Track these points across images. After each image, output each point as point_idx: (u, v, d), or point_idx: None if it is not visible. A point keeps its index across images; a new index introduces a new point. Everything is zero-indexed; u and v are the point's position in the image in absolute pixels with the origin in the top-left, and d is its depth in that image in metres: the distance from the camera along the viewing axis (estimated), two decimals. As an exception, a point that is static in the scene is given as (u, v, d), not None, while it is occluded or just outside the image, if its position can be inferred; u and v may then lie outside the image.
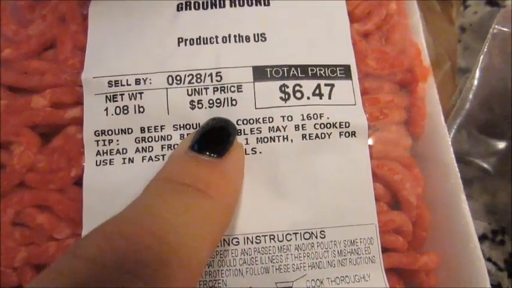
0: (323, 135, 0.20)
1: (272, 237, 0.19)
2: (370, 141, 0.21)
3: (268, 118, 0.20)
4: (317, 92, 0.20)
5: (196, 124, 0.20)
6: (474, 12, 0.34)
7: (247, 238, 0.19)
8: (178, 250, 0.14)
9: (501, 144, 0.28)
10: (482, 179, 0.28)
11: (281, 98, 0.20)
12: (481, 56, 0.28)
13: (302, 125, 0.20)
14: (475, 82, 0.27)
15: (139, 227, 0.15)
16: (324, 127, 0.20)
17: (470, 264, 0.21)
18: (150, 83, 0.20)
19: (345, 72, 0.21)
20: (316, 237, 0.19)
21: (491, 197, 0.28)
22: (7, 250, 0.19)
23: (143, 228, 0.15)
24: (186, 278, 0.14)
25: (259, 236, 0.19)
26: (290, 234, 0.19)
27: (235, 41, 0.21)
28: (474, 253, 0.21)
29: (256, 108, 0.20)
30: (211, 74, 0.20)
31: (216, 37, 0.21)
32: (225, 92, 0.20)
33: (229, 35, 0.21)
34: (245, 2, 0.22)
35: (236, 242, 0.19)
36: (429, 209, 0.22)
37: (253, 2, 0.22)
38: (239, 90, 0.20)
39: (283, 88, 0.20)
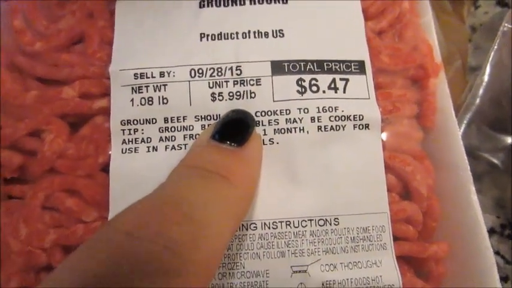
0: (338, 127, 0.21)
1: (288, 223, 0.20)
2: (383, 134, 0.22)
3: (286, 110, 0.21)
4: (332, 86, 0.21)
5: (216, 115, 0.21)
6: (485, 12, 0.34)
7: (265, 223, 0.20)
8: (205, 228, 0.15)
9: (510, 140, 0.29)
10: (491, 174, 0.29)
11: (298, 91, 0.21)
12: (491, 53, 0.28)
13: (318, 117, 0.21)
14: (485, 78, 0.28)
15: (169, 205, 0.16)
16: (339, 119, 0.21)
17: (479, 254, 0.22)
18: (174, 75, 0.21)
19: (359, 67, 0.22)
20: (330, 224, 0.20)
21: (501, 192, 0.29)
22: (37, 232, 0.21)
23: (172, 207, 0.16)
24: (211, 254, 0.15)
25: (276, 222, 0.20)
26: (305, 221, 0.20)
27: (255, 37, 0.22)
28: (483, 243, 0.22)
29: (274, 101, 0.21)
30: (231, 68, 0.21)
31: (237, 33, 0.22)
32: (244, 85, 0.21)
33: (249, 31, 0.22)
34: (264, 0, 0.23)
35: (254, 227, 0.20)
36: (439, 200, 0.23)
37: (272, 0, 0.23)
38: (258, 83, 0.21)
39: (299, 82, 0.21)
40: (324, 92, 0.21)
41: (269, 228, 0.20)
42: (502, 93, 0.28)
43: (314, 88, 0.21)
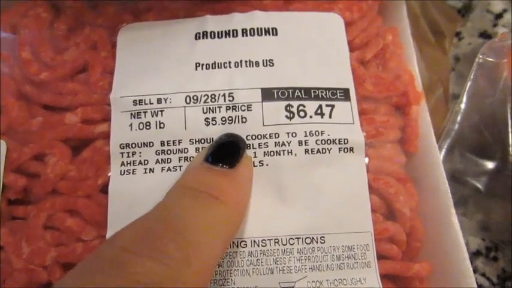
0: (324, 150, 0.22)
1: (276, 241, 0.21)
2: (367, 158, 0.23)
3: (275, 134, 0.22)
4: (319, 111, 0.23)
5: (210, 139, 0.22)
6: (468, 43, 0.36)
7: (254, 241, 0.21)
8: (196, 246, 0.16)
9: (491, 165, 0.30)
10: (475, 198, 0.30)
11: (286, 116, 0.23)
12: (468, 83, 0.30)
13: (305, 140, 0.22)
14: (463, 106, 0.30)
15: (164, 224, 0.17)
16: (325, 143, 0.22)
17: (460, 273, 0.23)
18: (170, 102, 0.23)
19: (344, 94, 0.23)
20: (317, 242, 0.21)
21: (485, 215, 0.30)
22: (39, 250, 0.22)
23: (167, 225, 0.17)
24: (202, 271, 0.17)
25: (264, 240, 0.21)
26: (293, 239, 0.21)
27: (246, 66, 0.23)
28: (463, 263, 0.23)
29: (264, 125, 0.22)
30: (224, 95, 0.23)
31: (229, 62, 0.24)
32: (236, 111, 0.22)
33: (241, 61, 0.24)
34: (255, 32, 0.24)
35: (244, 244, 0.21)
36: (422, 222, 0.24)
37: (263, 32, 0.24)
38: (249, 109, 0.22)
39: (288, 107, 0.23)
40: (311, 117, 0.23)
41: (258, 245, 0.21)
42: (481, 120, 0.30)
43: (302, 113, 0.23)
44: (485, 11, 0.37)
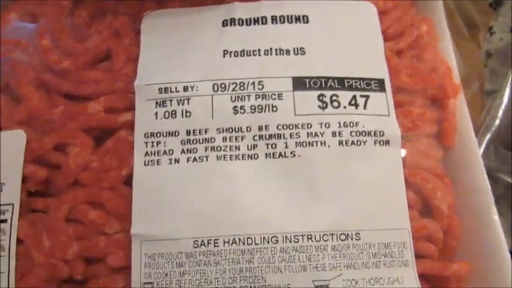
0: (359, 143, 0.21)
1: (310, 236, 0.20)
2: (403, 151, 0.22)
3: (307, 124, 0.21)
4: (353, 102, 0.22)
5: (238, 128, 0.21)
6: (500, 38, 0.35)
7: (286, 237, 0.20)
8: None
9: None
10: (509, 196, 0.29)
11: (319, 106, 0.21)
12: (511, 76, 0.29)
13: (339, 132, 0.21)
14: (505, 100, 0.29)
15: None
16: (360, 135, 0.21)
17: (500, 275, 0.21)
18: (197, 90, 0.22)
19: (379, 85, 0.22)
20: (352, 238, 0.20)
21: None
22: (60, 244, 0.21)
23: None
24: None
25: (297, 235, 0.20)
26: (327, 235, 0.20)
27: (277, 54, 0.23)
28: (504, 263, 0.21)
29: (295, 115, 0.21)
30: (253, 83, 0.22)
31: (259, 50, 0.23)
32: (266, 99, 0.21)
33: (271, 48, 0.23)
34: (285, 19, 0.23)
35: (275, 240, 0.20)
36: (460, 220, 0.23)
37: (293, 19, 0.24)
38: (279, 98, 0.21)
39: (321, 97, 0.22)
40: (344, 107, 0.22)
41: (290, 241, 0.20)
42: None
43: (335, 104, 0.22)
44: None
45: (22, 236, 0.21)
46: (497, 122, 0.29)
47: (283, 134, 0.21)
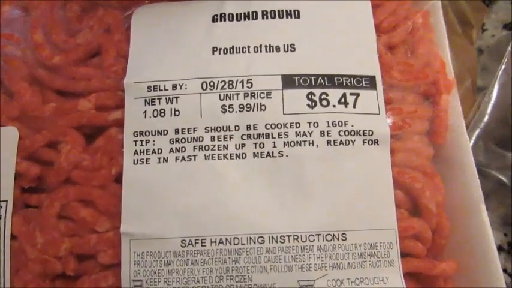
0: (347, 142, 0.21)
1: (296, 237, 0.20)
2: (393, 150, 0.22)
3: (295, 123, 0.21)
4: (342, 100, 0.22)
5: (226, 127, 0.21)
6: (492, 35, 0.35)
7: (272, 237, 0.20)
8: None
9: None
10: (498, 191, 0.29)
11: (308, 105, 0.21)
12: (499, 72, 0.29)
13: (327, 131, 0.21)
14: (494, 96, 0.28)
15: None
16: (348, 134, 0.21)
17: (489, 274, 0.22)
18: (186, 88, 0.22)
19: (370, 82, 0.22)
20: (338, 239, 0.20)
21: (508, 209, 0.29)
22: (53, 241, 0.21)
23: None
24: None
25: (283, 236, 0.20)
26: (313, 235, 0.20)
27: (266, 51, 0.22)
28: (493, 262, 0.22)
29: (284, 114, 0.21)
30: (242, 81, 0.22)
31: (248, 47, 0.22)
32: (255, 98, 0.21)
33: (261, 45, 0.22)
34: (276, 14, 0.23)
35: (262, 240, 0.20)
36: (449, 218, 0.23)
37: (284, 14, 0.23)
38: (268, 96, 0.21)
39: (310, 96, 0.21)
40: (334, 106, 0.21)
41: (276, 242, 0.20)
42: (510, 112, 0.28)
43: (324, 102, 0.21)
44: (509, 2, 0.35)
45: (16, 232, 0.22)
46: (486, 118, 0.28)
47: (272, 134, 0.21)
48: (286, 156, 0.21)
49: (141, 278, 0.20)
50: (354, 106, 0.22)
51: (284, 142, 0.21)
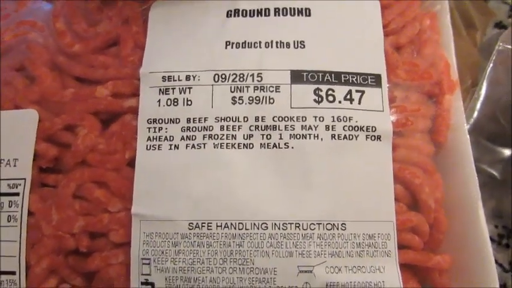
0: (351, 137, 0.22)
1: (298, 225, 0.21)
2: (395, 146, 0.23)
3: (302, 117, 0.22)
4: (348, 97, 0.22)
5: (235, 117, 0.22)
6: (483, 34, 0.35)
7: (275, 224, 0.21)
8: None
9: (507, 152, 0.29)
10: (489, 185, 0.30)
11: (315, 100, 0.22)
12: (488, 70, 0.29)
13: (332, 125, 0.22)
14: (482, 93, 0.29)
15: None
16: (352, 129, 0.22)
17: (483, 268, 0.22)
18: (199, 79, 0.23)
19: (376, 80, 0.23)
20: (338, 228, 0.21)
21: (498, 202, 0.30)
22: (67, 218, 0.22)
23: None
24: None
25: (286, 223, 0.21)
26: (314, 224, 0.21)
27: (277, 47, 0.23)
28: (487, 258, 0.22)
29: (291, 108, 0.22)
30: (253, 75, 0.23)
31: (260, 42, 0.23)
32: (264, 91, 0.22)
33: (272, 41, 0.23)
34: (288, 12, 0.24)
35: (265, 226, 0.21)
36: (448, 214, 0.23)
37: (296, 12, 0.24)
38: (277, 90, 0.22)
39: (317, 91, 0.22)
40: (339, 102, 0.22)
41: (279, 228, 0.21)
42: (499, 108, 0.29)
43: (330, 98, 0.22)
44: (501, 2, 0.36)
45: (33, 209, 0.23)
46: (476, 114, 0.29)
47: (279, 126, 0.22)
48: (292, 148, 0.22)
49: (149, 257, 0.21)
50: (359, 103, 0.22)
51: (290, 134, 0.22)
